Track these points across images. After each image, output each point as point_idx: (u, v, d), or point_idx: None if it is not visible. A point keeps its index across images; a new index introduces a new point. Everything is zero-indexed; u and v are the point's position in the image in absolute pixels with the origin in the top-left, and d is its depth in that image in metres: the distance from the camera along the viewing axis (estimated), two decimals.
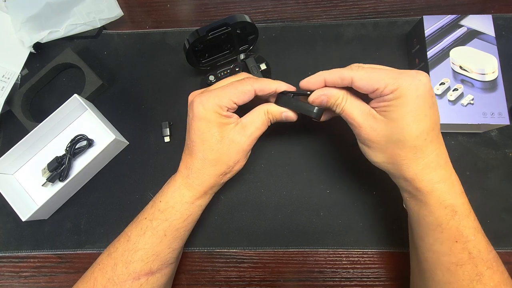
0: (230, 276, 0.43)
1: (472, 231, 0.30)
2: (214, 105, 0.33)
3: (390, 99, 0.30)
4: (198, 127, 0.34)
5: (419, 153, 0.30)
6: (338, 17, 0.51)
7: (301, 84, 0.35)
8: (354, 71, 0.31)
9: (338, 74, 0.32)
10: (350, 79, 0.31)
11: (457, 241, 0.30)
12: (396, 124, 0.30)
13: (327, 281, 0.42)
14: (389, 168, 0.33)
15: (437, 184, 0.31)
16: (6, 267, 0.45)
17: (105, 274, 0.33)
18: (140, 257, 0.33)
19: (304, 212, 0.44)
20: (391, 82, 0.30)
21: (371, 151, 0.33)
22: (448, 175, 0.31)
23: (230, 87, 0.34)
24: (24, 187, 0.46)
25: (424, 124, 0.30)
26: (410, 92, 0.29)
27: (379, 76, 0.30)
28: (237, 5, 0.53)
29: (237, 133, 0.34)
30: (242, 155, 0.35)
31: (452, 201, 0.31)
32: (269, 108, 0.35)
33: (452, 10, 0.50)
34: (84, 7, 0.49)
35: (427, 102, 0.30)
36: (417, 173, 0.31)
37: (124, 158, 0.47)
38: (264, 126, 0.36)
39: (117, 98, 0.50)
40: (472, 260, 0.30)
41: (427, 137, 0.30)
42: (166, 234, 0.34)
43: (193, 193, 0.35)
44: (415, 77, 0.30)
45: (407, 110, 0.30)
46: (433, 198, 0.31)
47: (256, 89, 0.34)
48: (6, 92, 0.47)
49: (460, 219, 0.30)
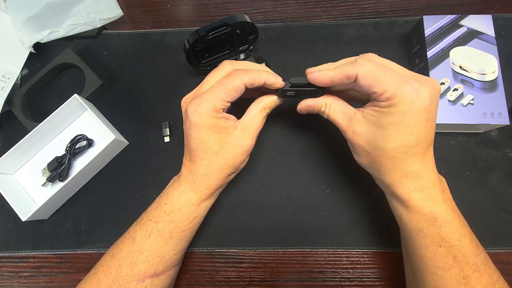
0: (230, 276, 0.43)
1: (456, 237, 0.30)
2: (208, 111, 0.32)
3: (383, 106, 0.30)
4: (198, 136, 0.33)
5: (398, 163, 0.31)
6: (338, 17, 0.51)
7: (309, 77, 0.34)
8: (360, 67, 0.30)
9: (344, 72, 0.31)
10: (355, 76, 0.30)
11: (440, 246, 0.30)
12: (379, 132, 0.30)
13: (327, 281, 0.42)
14: (371, 171, 0.34)
15: (414, 193, 0.31)
16: (6, 267, 0.45)
17: (109, 276, 0.33)
18: (145, 259, 0.33)
19: (304, 212, 0.44)
20: (391, 89, 0.29)
21: (355, 154, 0.35)
22: (430, 185, 0.31)
23: (220, 86, 0.33)
24: (24, 187, 0.46)
25: (406, 138, 0.29)
26: (403, 104, 0.29)
27: (383, 79, 0.29)
28: (237, 5, 0.53)
29: (239, 137, 0.34)
30: (247, 154, 0.36)
31: (430, 209, 0.30)
32: (264, 104, 0.36)
33: (452, 10, 0.50)
34: (84, 7, 0.49)
35: (417, 118, 0.29)
36: (393, 181, 0.31)
37: (124, 158, 0.47)
38: (262, 123, 0.36)
39: (117, 98, 0.50)
40: (458, 264, 0.29)
41: (408, 151, 0.30)
42: (171, 236, 0.34)
43: (200, 196, 0.35)
44: (416, 90, 0.28)
45: (392, 120, 0.29)
46: (411, 205, 0.31)
47: (246, 83, 0.33)
48: (6, 92, 0.47)
49: (441, 225, 0.30)
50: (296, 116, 0.46)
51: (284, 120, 0.47)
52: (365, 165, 0.34)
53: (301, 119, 0.46)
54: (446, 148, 0.44)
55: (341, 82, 0.32)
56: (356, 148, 0.33)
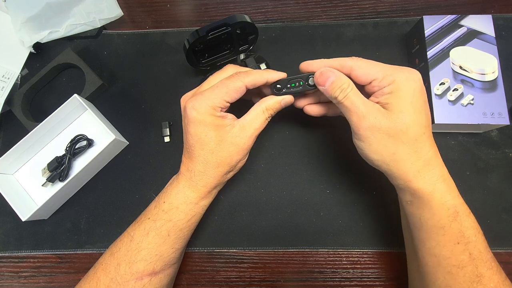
0: (230, 276, 0.43)
1: (473, 232, 0.30)
2: (207, 108, 0.33)
3: (389, 91, 0.31)
4: (195, 132, 0.33)
5: (420, 147, 0.30)
6: (338, 17, 0.51)
7: (301, 65, 0.35)
8: (354, 61, 0.33)
9: (338, 61, 0.33)
10: (350, 67, 0.32)
11: (458, 243, 0.30)
12: (397, 116, 0.30)
13: (327, 281, 0.42)
14: (388, 167, 0.32)
15: (438, 184, 0.31)
16: (6, 267, 0.45)
17: (108, 274, 0.33)
18: (143, 257, 0.33)
19: (304, 212, 0.44)
20: (388, 74, 0.31)
21: (370, 147, 0.31)
22: (447, 174, 0.32)
23: (221, 86, 0.33)
24: (24, 187, 0.46)
25: (422, 117, 0.31)
26: (407, 85, 0.30)
27: (377, 68, 0.32)
28: (237, 5, 0.53)
29: (236, 135, 0.34)
30: (243, 154, 0.35)
31: (453, 202, 0.31)
32: (267, 105, 0.35)
33: (452, 10, 0.50)
34: (84, 7, 0.49)
35: (423, 97, 0.31)
36: (419, 170, 0.31)
37: (124, 158, 0.47)
38: (264, 124, 0.35)
39: (117, 98, 0.50)
40: (473, 261, 0.30)
41: (425, 131, 0.31)
42: (169, 235, 0.34)
43: (197, 194, 0.35)
44: (410, 72, 0.31)
45: (407, 102, 0.30)
46: (435, 199, 0.30)
47: (247, 84, 0.33)
48: (6, 92, 0.47)
49: (461, 220, 0.30)
50: (296, 116, 0.46)
51: (284, 120, 0.47)
52: (380, 160, 0.32)
53: (301, 119, 0.46)
54: (446, 148, 0.44)
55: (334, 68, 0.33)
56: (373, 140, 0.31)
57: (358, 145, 0.33)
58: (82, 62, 0.49)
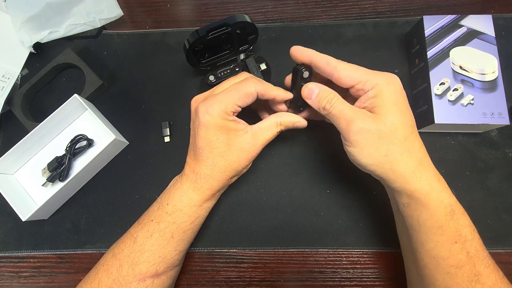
0: (230, 276, 0.43)
1: (469, 230, 0.31)
2: (220, 112, 0.33)
3: (373, 95, 0.31)
4: (206, 135, 0.34)
5: (411, 147, 0.31)
6: (338, 17, 0.51)
7: (292, 49, 0.35)
8: (339, 62, 0.33)
9: (325, 58, 0.33)
10: (334, 67, 0.33)
11: (456, 242, 0.30)
12: (385, 117, 0.31)
13: (327, 281, 0.42)
14: (383, 170, 0.31)
15: (433, 183, 0.31)
16: (6, 267, 0.45)
17: (110, 275, 0.33)
18: (146, 259, 0.33)
19: (304, 212, 0.44)
20: (370, 78, 0.32)
21: (362, 152, 0.31)
22: (438, 173, 0.32)
23: (233, 90, 0.34)
24: (24, 187, 0.46)
25: (408, 117, 0.32)
26: (389, 89, 0.31)
27: (360, 71, 0.32)
28: (237, 5, 0.53)
29: (246, 142, 0.35)
30: (250, 161, 0.36)
31: (448, 200, 0.31)
32: (282, 120, 0.36)
33: (452, 10, 0.50)
34: (84, 7, 0.49)
35: (405, 99, 0.32)
36: (414, 171, 0.31)
37: (124, 158, 0.47)
38: (273, 137, 0.36)
39: (117, 98, 0.50)
40: (470, 260, 0.30)
41: (413, 131, 0.32)
42: (173, 236, 0.34)
43: (202, 196, 0.35)
44: (391, 76, 0.32)
45: (391, 103, 0.31)
46: (432, 199, 0.31)
47: (258, 92, 0.34)
48: (6, 92, 0.47)
49: (458, 218, 0.30)
50: None
51: None
52: (373, 165, 0.32)
53: None
54: (446, 148, 0.44)
55: (319, 64, 0.34)
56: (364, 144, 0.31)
57: (350, 152, 0.33)
58: (82, 62, 0.49)
